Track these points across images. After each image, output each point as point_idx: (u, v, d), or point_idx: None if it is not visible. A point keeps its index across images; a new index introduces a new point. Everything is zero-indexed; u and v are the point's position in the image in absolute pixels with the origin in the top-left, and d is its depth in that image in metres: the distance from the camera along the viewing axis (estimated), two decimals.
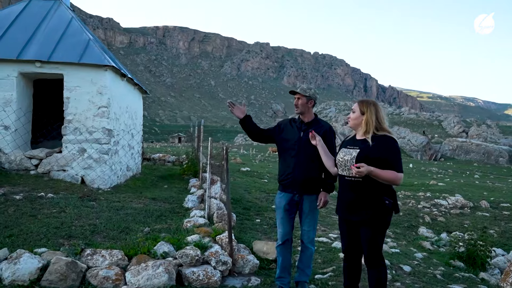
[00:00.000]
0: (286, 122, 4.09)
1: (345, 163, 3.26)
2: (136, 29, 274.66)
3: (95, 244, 4.62)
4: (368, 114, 3.22)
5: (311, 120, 3.94)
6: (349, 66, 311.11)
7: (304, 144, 3.83)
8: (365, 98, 3.50)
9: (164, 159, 14.32)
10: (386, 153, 3.12)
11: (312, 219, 3.94)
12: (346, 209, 3.31)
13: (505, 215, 11.34)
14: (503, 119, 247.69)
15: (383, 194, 3.16)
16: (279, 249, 4.03)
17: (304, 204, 3.90)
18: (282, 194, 3.96)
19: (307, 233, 3.96)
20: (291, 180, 3.85)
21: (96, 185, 7.79)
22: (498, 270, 5.97)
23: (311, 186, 3.88)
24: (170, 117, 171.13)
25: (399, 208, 3.36)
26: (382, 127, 3.21)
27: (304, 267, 4.04)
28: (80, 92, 7.85)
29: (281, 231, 3.98)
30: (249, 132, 4.04)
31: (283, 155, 3.96)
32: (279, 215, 3.99)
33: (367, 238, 3.24)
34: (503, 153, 54.03)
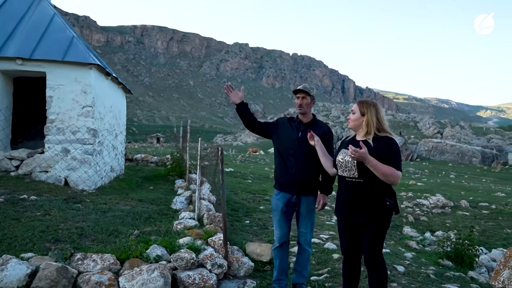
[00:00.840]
0: (284, 120, 4.02)
1: (346, 164, 3.22)
2: (113, 28, 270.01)
3: (83, 248, 4.47)
4: (368, 115, 3.19)
5: (310, 121, 3.90)
6: (327, 68, 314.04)
7: (302, 145, 3.78)
8: (365, 99, 3.44)
9: (147, 160, 14.08)
10: (387, 154, 3.08)
11: (310, 220, 3.91)
12: (347, 210, 3.27)
13: (485, 214, 11.64)
14: (475, 120, 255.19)
15: (383, 195, 3.14)
16: (276, 252, 3.99)
17: (301, 206, 3.85)
18: (279, 195, 3.90)
19: (304, 235, 3.92)
20: (289, 180, 3.80)
21: (80, 186, 7.56)
22: (485, 269, 6.10)
23: (309, 187, 3.84)
24: (148, 117, 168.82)
25: (399, 209, 3.35)
26: (383, 128, 3.19)
27: (301, 269, 4.00)
28: (63, 91, 7.60)
29: (278, 233, 3.93)
30: (244, 120, 3.95)
31: (280, 154, 3.90)
32: (276, 217, 3.94)
33: (368, 240, 3.21)
34: (476, 153, 55.60)
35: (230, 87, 3.88)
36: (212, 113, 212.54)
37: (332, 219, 8.33)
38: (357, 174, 3.17)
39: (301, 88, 3.86)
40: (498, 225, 10.53)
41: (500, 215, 11.38)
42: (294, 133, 3.84)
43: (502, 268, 4.58)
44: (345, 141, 3.45)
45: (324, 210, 9.49)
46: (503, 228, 10.22)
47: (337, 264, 4.85)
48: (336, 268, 4.68)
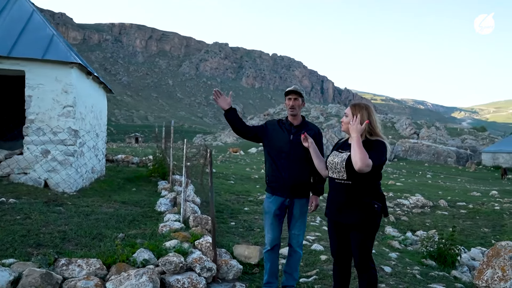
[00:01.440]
0: (274, 123, 3.98)
1: (335, 165, 3.23)
2: (90, 25, 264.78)
3: (67, 253, 4.36)
4: (361, 118, 3.20)
5: (300, 123, 3.90)
6: (306, 68, 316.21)
7: (294, 147, 3.77)
8: (358, 102, 3.42)
9: (128, 161, 13.83)
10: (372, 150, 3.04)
11: (302, 223, 3.91)
12: (336, 211, 3.28)
13: (462, 214, 11.93)
14: (450, 121, 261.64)
15: (372, 198, 3.15)
16: (267, 255, 3.96)
17: (294, 208, 3.84)
18: (272, 198, 3.87)
19: (296, 237, 3.91)
20: (281, 183, 3.78)
21: (61, 188, 7.36)
22: (467, 268, 6.23)
23: (302, 190, 3.84)
24: (127, 117, 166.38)
25: (387, 212, 3.37)
26: (375, 132, 3.18)
27: (292, 271, 3.99)
28: (43, 90, 7.37)
29: (270, 236, 3.90)
30: (233, 126, 3.89)
31: (272, 157, 3.87)
32: (268, 220, 3.90)
33: (358, 243, 3.22)
34: (451, 153, 56.99)
35: (218, 92, 3.82)
36: (191, 113, 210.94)
37: (317, 220, 8.37)
38: (345, 176, 3.17)
39: (293, 89, 3.83)
40: (475, 224, 10.80)
41: (477, 214, 11.68)
42: (286, 136, 3.82)
43: (485, 267, 4.69)
44: (338, 142, 3.46)
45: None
46: (480, 227, 10.49)
47: (325, 266, 4.87)
48: (325, 270, 4.70)
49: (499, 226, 10.49)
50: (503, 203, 13.90)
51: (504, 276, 4.36)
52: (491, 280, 4.45)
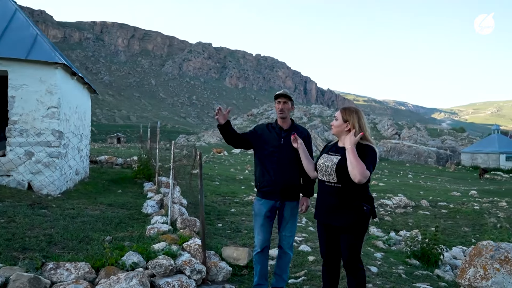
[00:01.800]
0: (263, 127, 4.02)
1: (325, 168, 3.28)
2: (71, 23, 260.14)
3: (54, 257, 4.31)
4: (351, 122, 3.26)
5: (290, 126, 3.94)
6: (290, 69, 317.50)
7: (285, 151, 3.82)
8: (349, 106, 3.51)
9: (112, 162, 13.67)
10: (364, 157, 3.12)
11: (293, 224, 3.96)
12: (326, 214, 3.33)
13: (443, 213, 12.19)
14: (430, 122, 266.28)
15: (361, 200, 3.21)
16: (257, 257, 3.98)
17: (285, 210, 3.89)
18: (262, 201, 3.90)
19: (287, 239, 3.95)
20: (273, 187, 3.81)
21: (45, 191, 7.24)
22: (449, 267, 6.39)
23: (293, 192, 3.89)
24: (108, 117, 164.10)
25: (376, 214, 3.44)
26: (365, 136, 3.24)
27: (281, 272, 4.03)
28: (27, 91, 7.23)
29: (260, 238, 3.92)
30: (226, 137, 3.90)
31: (263, 161, 3.90)
32: (258, 222, 3.93)
33: (348, 244, 3.28)
34: (432, 154, 58.10)
35: (221, 110, 3.79)
36: (174, 113, 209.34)
37: (303, 221, 8.44)
38: (336, 179, 3.23)
39: (282, 93, 3.87)
40: (456, 223, 11.06)
41: (458, 214, 11.96)
42: (276, 140, 3.86)
43: (467, 266, 4.82)
44: (328, 145, 3.52)
45: None
46: (461, 227, 10.75)
47: (313, 267, 4.93)
48: (313, 271, 4.76)
49: (479, 225, 10.77)
50: (482, 203, 14.27)
51: (485, 274, 4.49)
52: (473, 278, 4.57)
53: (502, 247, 4.65)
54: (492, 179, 35.57)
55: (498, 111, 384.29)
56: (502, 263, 4.49)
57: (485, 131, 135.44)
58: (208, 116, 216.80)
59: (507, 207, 13.47)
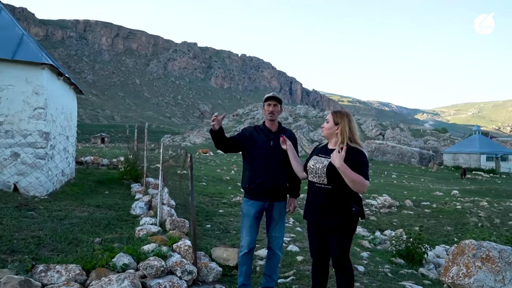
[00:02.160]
0: (251, 130, 4.06)
1: (316, 170, 3.36)
2: (53, 21, 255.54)
3: (44, 259, 4.30)
4: (342, 124, 3.35)
5: (277, 129, 4.02)
6: (275, 69, 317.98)
7: (274, 153, 3.89)
8: (339, 109, 3.61)
9: (98, 162, 13.55)
10: (356, 162, 3.23)
11: (282, 225, 4.03)
12: (315, 214, 3.40)
13: (427, 213, 12.46)
14: (413, 123, 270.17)
15: (351, 201, 3.30)
16: (244, 257, 4.01)
17: (274, 211, 3.95)
18: (251, 202, 3.95)
19: (277, 240, 4.02)
20: (262, 188, 3.87)
21: (31, 192, 7.17)
22: (433, 265, 6.56)
23: (281, 193, 3.97)
24: (92, 116, 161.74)
25: (364, 214, 3.53)
26: (355, 139, 3.35)
27: (271, 273, 4.08)
28: (13, 91, 7.14)
29: (248, 239, 3.96)
30: (219, 142, 3.92)
31: (251, 163, 3.95)
32: (247, 223, 3.97)
33: (337, 244, 3.36)
34: (415, 154, 59.03)
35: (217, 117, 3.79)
36: (159, 113, 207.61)
37: (290, 221, 8.53)
38: (326, 180, 3.32)
39: (272, 95, 3.95)
40: (439, 223, 11.31)
41: (441, 214, 12.23)
42: (265, 142, 3.92)
43: (450, 264, 4.98)
44: (317, 147, 3.60)
45: None
46: (443, 226, 11.00)
47: (302, 266, 5.02)
48: (302, 270, 4.85)
49: (461, 224, 11.04)
50: (464, 203, 14.61)
51: (468, 272, 4.65)
52: (456, 276, 4.73)
53: (484, 246, 4.82)
54: (473, 179, 36.36)
55: (479, 112, 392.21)
56: (483, 261, 4.65)
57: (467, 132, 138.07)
58: (194, 116, 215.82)
59: (488, 207, 13.83)
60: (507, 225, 11.37)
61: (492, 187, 25.56)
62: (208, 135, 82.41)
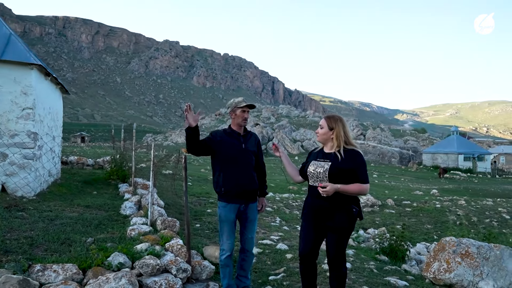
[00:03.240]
0: (220, 133, 4.10)
1: (317, 175, 3.47)
2: (31, 18, 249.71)
3: (38, 259, 4.35)
4: (337, 129, 3.50)
5: (244, 132, 4.15)
6: (257, 69, 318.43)
7: (246, 155, 4.03)
8: (332, 114, 3.69)
9: (82, 162, 13.45)
10: (355, 166, 3.40)
11: (255, 225, 4.19)
12: (317, 216, 3.52)
13: (408, 212, 12.82)
14: (394, 123, 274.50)
15: (351, 203, 3.44)
16: (227, 260, 4.09)
17: (249, 213, 4.08)
18: (228, 206, 4.00)
19: (251, 240, 4.14)
20: (238, 190, 3.95)
21: (19, 193, 7.15)
22: (415, 262, 6.84)
23: (254, 194, 4.12)
24: (71, 115, 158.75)
25: (363, 215, 3.69)
26: (350, 141, 3.52)
27: (246, 273, 4.20)
28: (1, 91, 7.07)
29: (230, 242, 4.06)
30: (193, 143, 3.88)
31: (225, 166, 3.98)
32: (227, 227, 4.04)
33: (334, 243, 3.48)
34: (395, 154, 60.16)
35: (190, 106, 3.84)
36: (140, 112, 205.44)
37: (276, 221, 8.72)
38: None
39: (251, 104, 4.07)
40: (419, 221, 11.67)
41: (421, 212, 12.61)
42: (238, 145, 4.02)
43: (432, 260, 5.24)
44: (313, 152, 3.73)
45: (267, 212, 9.90)
46: (423, 224, 11.36)
47: (291, 264, 5.20)
48: (291, 268, 5.02)
49: (440, 222, 11.42)
50: (443, 201, 15.07)
51: (448, 267, 4.91)
52: (437, 271, 4.99)
53: (463, 243, 5.09)
54: (451, 178, 37.34)
55: (456, 113, 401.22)
56: (463, 257, 4.92)
57: (445, 132, 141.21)
58: (175, 115, 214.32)
59: (466, 205, 14.30)
60: (484, 222, 11.82)
61: (470, 186, 26.35)
62: None
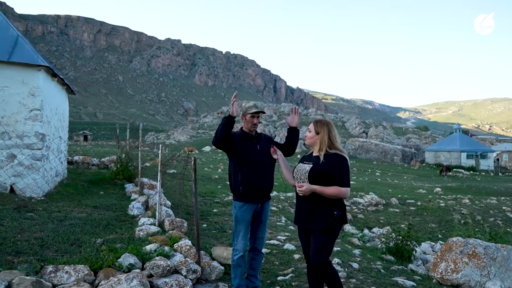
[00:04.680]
0: (239, 134, 4.15)
1: (299, 176, 3.58)
2: (33, 16, 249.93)
3: (50, 260, 4.40)
4: (321, 134, 3.56)
5: (257, 134, 4.22)
6: (259, 67, 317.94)
7: (263, 155, 4.09)
8: (320, 119, 3.79)
9: (88, 162, 13.52)
10: (334, 169, 3.43)
11: (266, 226, 4.26)
12: (301, 217, 3.61)
13: (412, 210, 12.85)
14: (396, 121, 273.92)
15: (332, 206, 3.46)
16: (240, 260, 4.12)
17: (263, 213, 4.15)
18: (245, 206, 4.04)
19: (262, 240, 4.21)
20: (255, 191, 4.02)
21: (28, 194, 7.20)
22: (421, 261, 6.87)
23: (269, 193, 4.20)
24: (74, 114, 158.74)
25: (347, 219, 3.72)
26: (334, 146, 3.54)
27: (256, 273, 4.25)
28: (9, 93, 7.15)
29: (244, 242, 4.10)
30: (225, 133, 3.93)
31: (244, 166, 4.03)
32: (243, 227, 4.08)
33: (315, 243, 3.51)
34: (397, 152, 60.05)
35: (236, 95, 3.93)
36: (142, 110, 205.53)
37: (282, 220, 8.75)
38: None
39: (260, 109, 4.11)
40: (423, 220, 11.70)
41: (425, 211, 12.64)
42: (254, 146, 4.09)
43: (439, 260, 5.26)
44: (305, 156, 3.81)
45: (273, 211, 9.93)
46: (428, 223, 11.39)
47: (299, 264, 5.24)
48: (299, 268, 5.06)
49: (445, 221, 11.44)
50: (447, 200, 15.08)
51: (456, 268, 4.94)
52: (445, 272, 5.02)
53: (470, 243, 5.12)
54: (454, 176, 37.27)
55: (459, 111, 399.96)
56: (470, 257, 4.95)
57: (448, 130, 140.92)
58: (178, 114, 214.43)
59: (470, 204, 14.32)
60: (488, 221, 11.84)
61: (472, 185, 26.31)
62: (193, 133, 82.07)
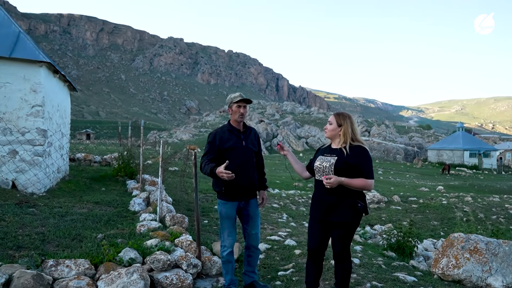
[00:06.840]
0: (220, 132, 4.05)
1: (323, 169, 3.55)
2: (36, 15, 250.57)
3: (51, 254, 4.42)
4: (345, 126, 3.56)
5: (244, 128, 4.14)
6: (262, 66, 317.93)
7: (247, 152, 4.04)
8: (341, 111, 3.80)
9: (90, 159, 13.57)
10: (360, 161, 3.46)
11: (258, 221, 4.20)
12: (323, 211, 3.57)
13: (414, 208, 12.81)
14: (398, 119, 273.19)
15: (356, 198, 3.50)
16: (229, 256, 4.10)
17: (250, 209, 4.10)
18: (228, 203, 4.01)
19: (256, 236, 4.16)
20: (239, 189, 3.96)
21: (30, 189, 7.23)
22: (422, 258, 6.86)
23: (254, 191, 4.15)
24: (76, 112, 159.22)
25: (368, 210, 3.73)
26: (357, 138, 3.57)
27: (253, 269, 4.23)
28: (10, 89, 7.16)
29: (232, 238, 4.10)
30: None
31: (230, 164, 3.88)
32: (228, 224, 4.06)
33: (340, 237, 3.55)
34: (400, 150, 60.00)
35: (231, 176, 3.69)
36: (145, 109, 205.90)
37: (283, 217, 8.75)
38: None
39: (245, 98, 4.03)
40: (425, 217, 11.66)
41: (427, 209, 12.60)
42: (239, 142, 4.01)
43: (440, 256, 5.25)
44: (321, 148, 3.79)
45: (274, 208, 9.93)
46: (430, 220, 11.36)
47: (300, 259, 5.23)
48: (300, 263, 5.05)
49: (447, 219, 11.41)
50: (449, 198, 15.04)
51: (457, 263, 4.92)
52: (446, 267, 5.00)
53: (472, 239, 5.10)
54: (457, 174, 37.20)
55: (462, 109, 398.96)
56: (471, 253, 4.93)
57: (450, 128, 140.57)
58: (180, 113, 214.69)
59: (472, 202, 14.27)
60: (491, 219, 11.80)
61: (475, 183, 26.26)
62: (195, 131, 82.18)
